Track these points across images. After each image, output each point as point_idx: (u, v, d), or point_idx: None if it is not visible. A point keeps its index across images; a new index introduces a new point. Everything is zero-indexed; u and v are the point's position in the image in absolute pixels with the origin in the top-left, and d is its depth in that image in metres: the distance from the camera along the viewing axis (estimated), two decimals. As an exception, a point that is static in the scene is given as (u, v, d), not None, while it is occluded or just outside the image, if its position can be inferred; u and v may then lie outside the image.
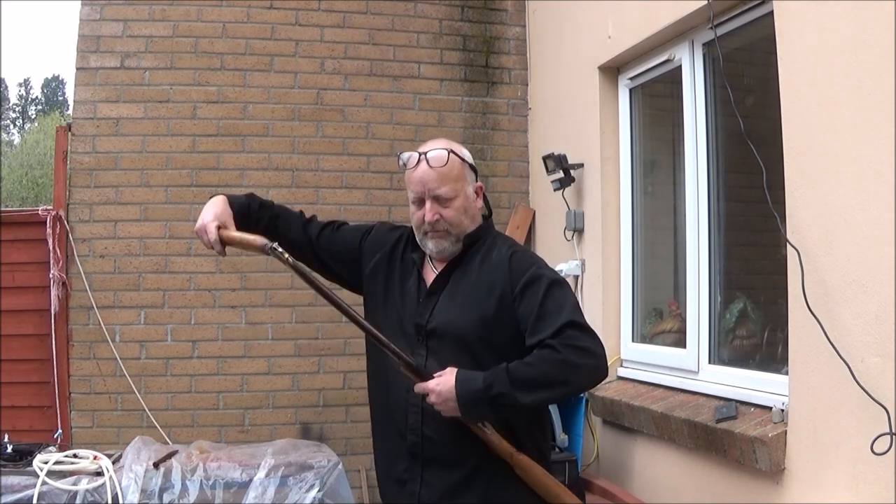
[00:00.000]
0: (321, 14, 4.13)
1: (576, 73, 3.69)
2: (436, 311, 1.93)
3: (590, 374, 1.84)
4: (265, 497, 3.10)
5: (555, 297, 1.85)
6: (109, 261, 3.87)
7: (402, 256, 2.06)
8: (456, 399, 1.76)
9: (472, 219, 1.99)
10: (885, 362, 1.87)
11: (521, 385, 1.76)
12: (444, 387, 1.78)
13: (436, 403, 1.79)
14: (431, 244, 1.96)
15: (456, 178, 1.94)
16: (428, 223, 1.93)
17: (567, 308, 1.84)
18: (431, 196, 1.93)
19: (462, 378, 1.78)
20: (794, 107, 2.23)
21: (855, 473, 1.96)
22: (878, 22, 1.89)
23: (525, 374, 1.77)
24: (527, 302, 1.85)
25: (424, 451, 1.88)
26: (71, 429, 3.75)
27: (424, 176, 1.93)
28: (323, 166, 4.09)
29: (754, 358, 2.74)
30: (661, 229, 3.40)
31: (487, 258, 1.96)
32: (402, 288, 2.00)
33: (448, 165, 1.92)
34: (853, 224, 1.99)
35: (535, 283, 1.87)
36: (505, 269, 1.91)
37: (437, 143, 2.00)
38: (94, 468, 3.05)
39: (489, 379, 1.76)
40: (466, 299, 1.91)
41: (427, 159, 1.92)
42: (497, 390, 1.75)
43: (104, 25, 3.92)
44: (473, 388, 1.76)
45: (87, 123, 3.90)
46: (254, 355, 3.97)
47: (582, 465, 3.28)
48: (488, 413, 1.80)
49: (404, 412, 1.91)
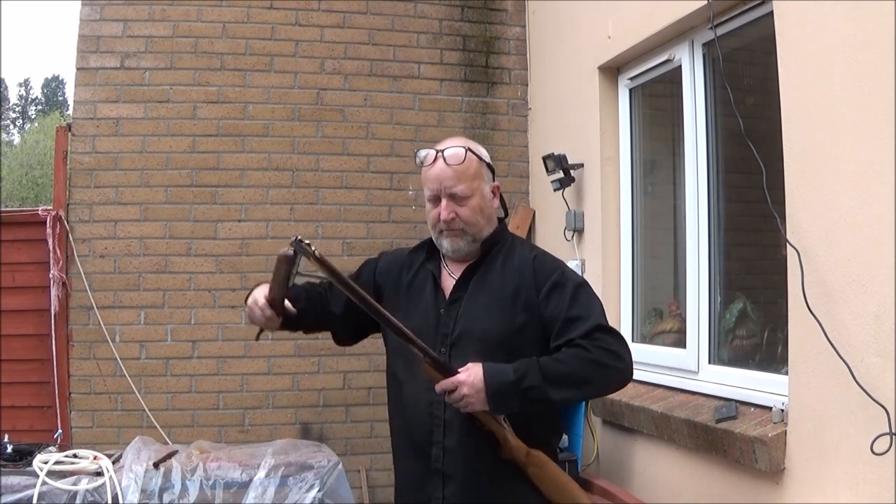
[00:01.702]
0: (321, 14, 4.13)
1: (576, 73, 3.69)
2: (460, 316, 1.91)
3: (617, 376, 1.85)
4: (265, 497, 3.10)
5: (581, 300, 1.86)
6: (109, 261, 3.87)
7: (418, 269, 2.03)
8: (485, 390, 1.75)
9: (487, 219, 1.97)
10: (885, 362, 1.87)
11: (551, 380, 1.76)
12: (475, 377, 1.77)
13: (466, 396, 1.76)
14: (447, 243, 1.95)
15: (473, 177, 1.93)
16: (443, 221, 1.91)
17: (596, 311, 1.86)
18: (447, 194, 1.91)
19: (491, 370, 1.78)
20: (794, 107, 2.23)
21: (855, 473, 1.96)
22: (878, 22, 1.89)
23: (556, 370, 1.77)
24: (554, 305, 1.85)
25: (446, 465, 1.86)
26: (71, 429, 3.75)
27: (441, 173, 1.91)
28: (323, 166, 4.09)
29: (754, 358, 2.74)
30: (661, 229, 3.40)
31: (509, 261, 1.95)
32: (419, 298, 1.98)
33: (465, 164, 1.91)
34: (853, 224, 1.99)
35: (562, 286, 1.87)
36: (529, 273, 1.91)
37: (454, 140, 1.99)
38: (94, 468, 3.05)
39: (520, 371, 1.76)
40: (490, 303, 1.90)
41: (444, 157, 1.90)
42: (528, 383, 1.75)
43: (104, 25, 3.92)
44: (504, 379, 1.76)
45: (87, 123, 3.90)
46: (254, 355, 3.97)
47: (582, 465, 3.28)
48: (516, 406, 1.79)
49: (428, 426, 1.88)
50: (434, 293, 1.96)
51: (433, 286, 1.98)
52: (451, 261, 2.00)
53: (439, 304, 1.95)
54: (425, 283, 1.99)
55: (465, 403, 1.78)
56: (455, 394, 1.78)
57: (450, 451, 1.86)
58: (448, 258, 2.00)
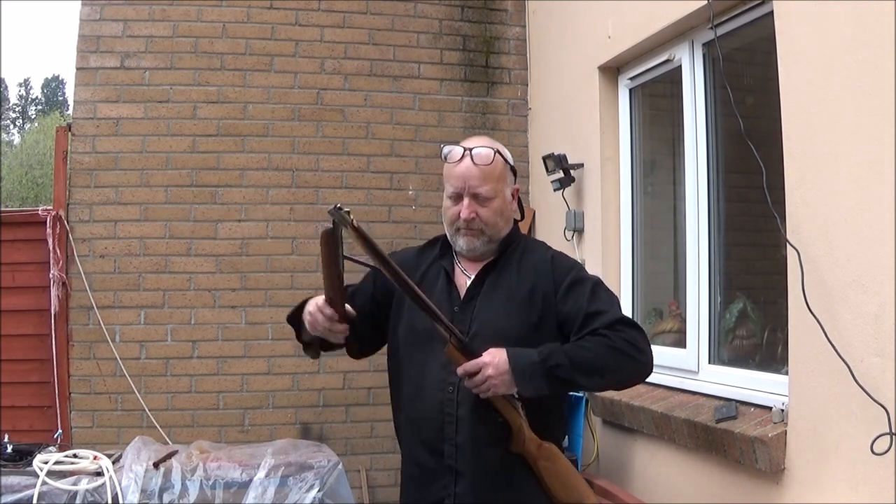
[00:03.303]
0: (321, 14, 4.13)
1: (576, 73, 3.69)
2: (476, 315, 1.90)
3: (639, 369, 1.85)
4: (265, 497, 3.10)
5: (601, 296, 1.87)
6: (109, 261, 3.87)
7: (429, 266, 2.01)
8: (511, 371, 1.75)
9: (506, 221, 1.97)
10: (885, 362, 1.87)
11: (575, 363, 1.76)
12: (499, 359, 1.76)
13: (490, 377, 1.75)
14: (463, 241, 1.93)
15: (498, 179, 1.92)
16: (463, 220, 1.90)
17: (616, 306, 1.88)
18: (471, 193, 1.89)
19: (515, 352, 1.77)
20: (794, 107, 2.23)
21: (855, 473, 1.96)
22: (878, 22, 1.89)
23: (580, 354, 1.78)
24: (573, 302, 1.86)
25: (458, 462, 1.85)
26: (71, 429, 3.75)
27: (467, 172, 1.89)
28: (323, 166, 4.09)
29: (754, 358, 2.74)
30: (661, 229, 3.40)
31: (525, 261, 1.95)
32: (430, 295, 1.92)
33: (492, 165, 1.89)
34: (853, 224, 1.99)
35: (581, 283, 1.88)
36: (547, 271, 1.91)
37: (482, 140, 1.97)
38: (94, 468, 3.05)
39: (544, 353, 1.77)
40: (507, 303, 1.90)
41: (472, 156, 1.88)
42: (554, 361, 1.75)
43: (104, 25, 3.92)
44: (529, 360, 1.76)
45: (87, 123, 3.91)
46: (254, 355, 3.97)
47: (582, 465, 3.28)
48: (544, 386, 1.78)
49: (439, 422, 1.87)
50: (448, 290, 1.95)
51: (446, 283, 1.96)
52: (465, 259, 1.99)
53: (453, 301, 1.94)
54: (437, 280, 1.98)
55: (489, 386, 1.76)
56: (478, 376, 1.76)
57: (461, 447, 1.85)
58: (461, 256, 1.99)
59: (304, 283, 3.96)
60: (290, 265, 4.00)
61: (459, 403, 1.85)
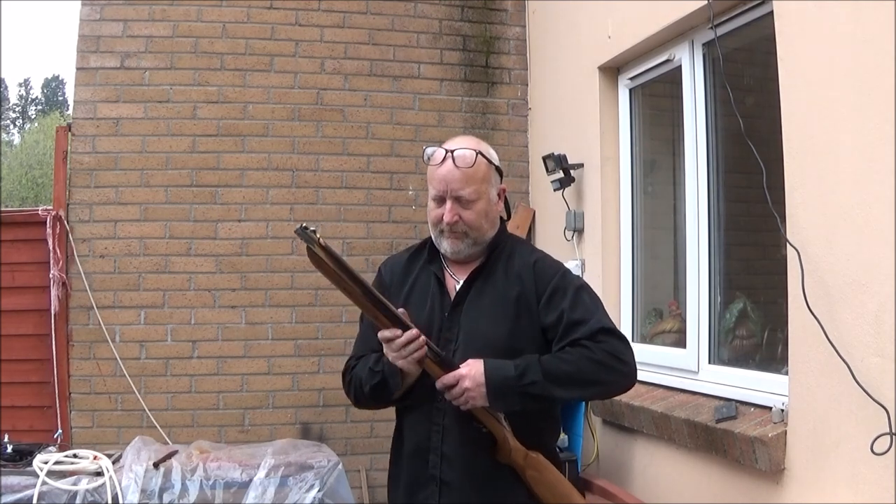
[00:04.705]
0: (321, 14, 4.13)
1: (576, 73, 3.69)
2: (462, 322, 1.89)
3: (621, 379, 1.83)
4: (265, 497, 3.10)
5: (584, 302, 1.85)
6: (109, 261, 3.87)
7: (419, 272, 1.99)
8: (486, 384, 1.74)
9: (491, 223, 1.94)
10: (885, 362, 1.87)
11: (552, 377, 1.74)
12: (476, 371, 1.75)
13: (467, 389, 1.74)
14: (447, 244, 1.91)
15: (481, 181, 1.88)
16: (446, 223, 1.88)
17: (599, 313, 1.85)
18: (453, 196, 1.86)
19: (492, 365, 1.76)
20: (794, 107, 2.23)
21: (855, 473, 1.96)
22: (878, 22, 1.89)
23: (558, 368, 1.76)
24: (555, 309, 1.84)
25: (443, 472, 1.85)
26: (71, 429, 3.75)
27: (449, 175, 1.86)
28: (323, 166, 4.09)
29: (754, 358, 2.74)
30: (661, 229, 3.40)
31: (510, 266, 1.92)
32: (423, 301, 1.94)
33: (474, 167, 1.86)
34: (853, 224, 1.99)
35: (563, 290, 1.86)
36: (530, 277, 1.89)
37: (465, 141, 1.94)
38: (94, 468, 3.05)
39: (521, 367, 1.75)
40: (493, 310, 1.88)
41: (453, 158, 1.85)
42: (529, 378, 1.74)
43: (104, 25, 3.92)
44: (505, 374, 1.75)
45: (87, 123, 3.91)
46: (254, 355, 3.97)
47: (582, 465, 3.28)
48: (517, 403, 1.77)
49: (426, 431, 1.87)
50: (440, 296, 1.94)
51: (437, 289, 1.95)
52: (452, 262, 1.97)
53: (444, 307, 1.92)
54: (428, 286, 1.96)
55: (466, 398, 1.76)
56: (456, 388, 1.76)
57: (446, 457, 1.85)
58: (448, 259, 1.98)
59: (304, 283, 3.96)
60: (290, 265, 4.00)
61: (446, 413, 1.84)
